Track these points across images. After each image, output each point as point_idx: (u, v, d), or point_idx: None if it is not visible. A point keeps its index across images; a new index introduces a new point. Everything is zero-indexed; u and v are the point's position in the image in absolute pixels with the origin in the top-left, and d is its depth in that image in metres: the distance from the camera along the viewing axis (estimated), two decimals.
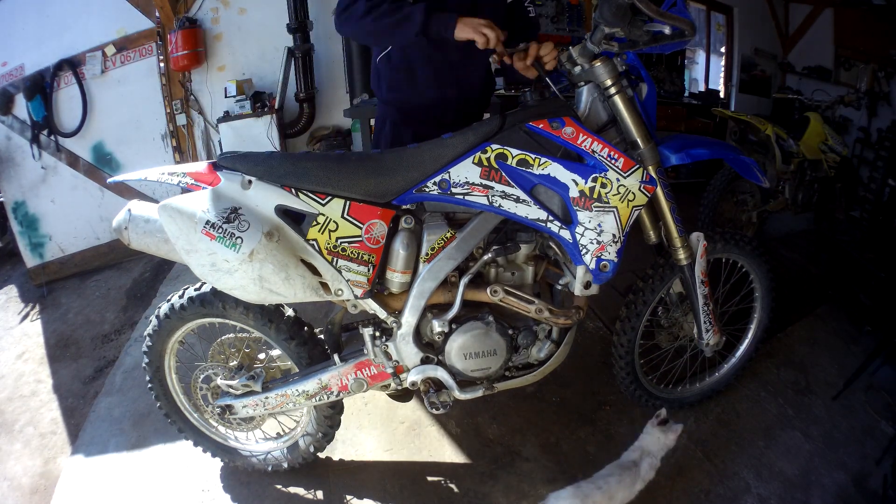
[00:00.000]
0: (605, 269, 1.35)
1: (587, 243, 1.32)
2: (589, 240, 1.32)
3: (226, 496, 1.65)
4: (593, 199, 1.29)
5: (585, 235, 1.32)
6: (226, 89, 3.62)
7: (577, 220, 1.31)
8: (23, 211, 3.69)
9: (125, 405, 2.08)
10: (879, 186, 3.60)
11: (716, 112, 3.58)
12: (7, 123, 3.56)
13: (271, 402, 1.51)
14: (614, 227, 1.32)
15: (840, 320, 2.43)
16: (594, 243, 1.32)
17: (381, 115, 1.85)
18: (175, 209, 1.23)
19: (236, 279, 1.25)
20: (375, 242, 1.30)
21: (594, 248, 1.33)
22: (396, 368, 1.47)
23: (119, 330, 2.95)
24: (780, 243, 3.31)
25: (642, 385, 1.79)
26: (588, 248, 1.33)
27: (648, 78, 1.44)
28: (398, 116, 1.79)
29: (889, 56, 3.93)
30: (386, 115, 1.82)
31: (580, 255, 1.34)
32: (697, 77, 5.67)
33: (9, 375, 2.68)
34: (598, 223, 1.31)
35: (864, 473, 1.68)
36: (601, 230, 1.32)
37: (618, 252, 1.35)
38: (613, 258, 1.35)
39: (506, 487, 1.64)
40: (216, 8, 3.61)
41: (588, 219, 1.31)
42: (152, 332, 1.52)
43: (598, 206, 1.30)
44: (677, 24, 1.19)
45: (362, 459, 1.76)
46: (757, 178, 1.56)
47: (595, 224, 1.31)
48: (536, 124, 1.28)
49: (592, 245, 1.33)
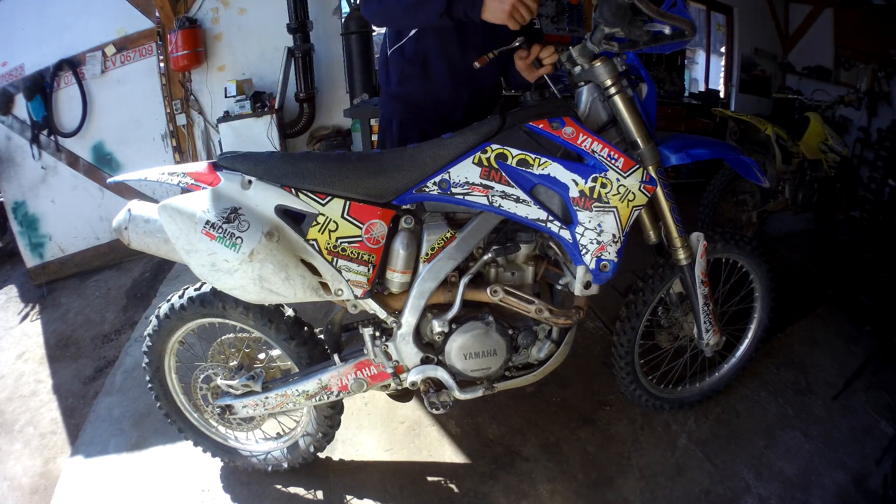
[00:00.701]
0: (606, 269, 1.35)
1: (587, 243, 1.33)
2: (589, 240, 1.32)
3: (226, 496, 1.65)
4: (593, 199, 1.30)
5: (585, 235, 1.32)
6: (226, 89, 3.63)
7: (577, 220, 1.31)
8: (23, 211, 3.69)
9: (125, 405, 2.09)
10: (879, 186, 3.59)
11: (716, 112, 3.57)
12: (7, 123, 3.56)
13: (271, 402, 1.51)
14: (614, 227, 1.33)
15: (840, 320, 2.42)
16: (594, 243, 1.33)
17: (387, 113, 1.79)
18: (175, 209, 1.23)
19: (236, 279, 1.25)
20: (375, 242, 1.30)
21: (594, 248, 1.33)
22: (396, 368, 1.47)
23: (119, 330, 2.95)
24: (780, 243, 3.31)
25: (642, 385, 1.79)
26: (588, 248, 1.33)
27: (648, 78, 1.44)
28: (405, 113, 1.73)
29: (889, 56, 3.92)
30: (393, 112, 1.76)
31: (580, 255, 1.34)
32: (697, 77, 5.68)
33: (9, 375, 2.68)
34: (598, 223, 1.31)
35: (864, 473, 1.68)
36: (601, 230, 1.32)
37: (618, 252, 1.35)
38: (613, 258, 1.35)
39: (506, 487, 1.64)
40: (216, 8, 3.62)
41: (588, 219, 1.31)
42: (152, 332, 1.52)
43: (598, 206, 1.30)
44: (677, 23, 1.19)
45: (362, 459, 1.76)
46: (757, 178, 1.56)
47: (595, 224, 1.31)
48: (536, 124, 1.29)
49: (592, 245, 1.33)
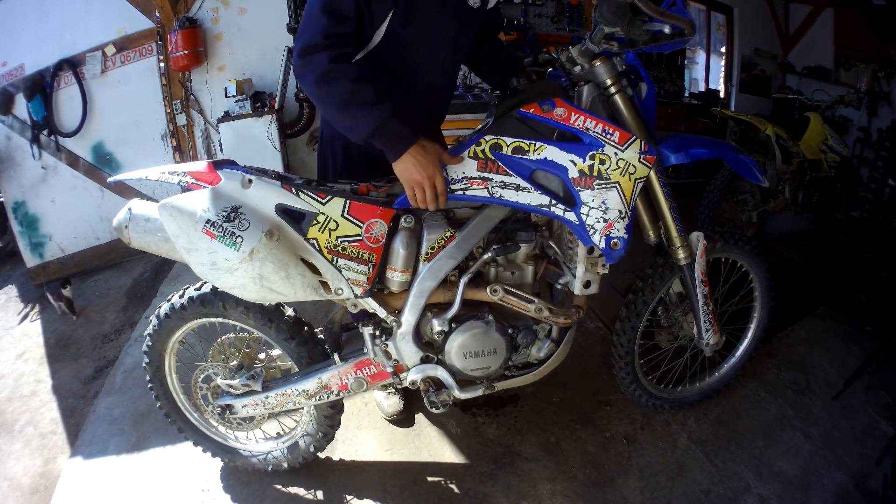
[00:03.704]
0: (616, 246, 1.32)
1: (594, 223, 1.30)
2: (595, 219, 1.30)
3: (226, 496, 1.65)
4: (594, 178, 1.28)
5: (591, 215, 1.29)
6: (226, 89, 3.62)
7: (581, 200, 1.29)
8: (23, 211, 3.68)
9: (125, 405, 2.09)
10: (879, 186, 3.58)
11: (716, 112, 3.57)
12: (7, 123, 3.55)
13: (271, 402, 1.51)
14: (619, 203, 1.30)
15: (840, 320, 2.42)
16: (601, 222, 1.30)
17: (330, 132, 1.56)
18: (175, 208, 1.23)
19: (236, 278, 1.25)
20: (375, 241, 1.30)
21: (602, 227, 1.30)
22: (396, 368, 1.47)
23: (119, 330, 2.95)
24: (780, 243, 3.31)
25: (642, 385, 1.79)
26: (595, 228, 1.30)
27: (648, 78, 1.45)
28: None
29: (889, 56, 3.92)
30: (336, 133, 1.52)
31: (588, 235, 1.31)
32: (697, 77, 5.67)
33: (9, 375, 2.67)
34: (602, 201, 1.29)
35: (864, 473, 1.68)
36: (606, 207, 1.29)
37: (626, 228, 1.32)
38: (623, 234, 1.32)
39: (506, 487, 1.64)
40: (216, 8, 3.61)
41: (591, 198, 1.29)
42: (152, 332, 1.52)
43: (599, 184, 1.28)
44: (677, 23, 1.19)
45: (362, 459, 1.76)
46: (756, 178, 1.56)
47: (599, 202, 1.29)
48: (527, 109, 1.27)
49: (599, 224, 1.30)
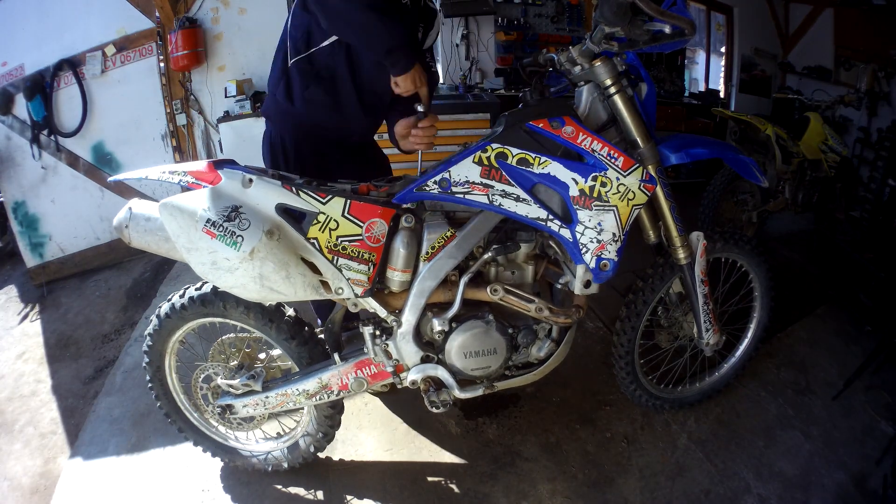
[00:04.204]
0: (606, 268, 1.36)
1: (587, 242, 1.33)
2: (589, 238, 1.33)
3: (226, 496, 1.65)
4: (593, 198, 1.30)
5: (585, 234, 1.32)
6: (226, 89, 3.63)
7: (578, 218, 1.31)
8: (23, 211, 3.68)
9: (125, 405, 2.09)
10: (879, 186, 3.58)
11: (716, 112, 3.57)
12: (7, 123, 3.55)
13: (272, 402, 1.51)
14: (614, 226, 1.33)
15: (840, 320, 2.43)
16: (594, 242, 1.33)
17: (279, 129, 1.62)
18: (176, 207, 1.23)
19: (237, 277, 1.25)
20: (376, 241, 1.31)
21: (594, 247, 1.33)
22: (396, 367, 1.47)
23: (119, 330, 2.95)
24: (780, 243, 3.31)
25: (642, 385, 1.79)
26: (588, 247, 1.33)
27: (648, 78, 1.45)
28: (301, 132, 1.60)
29: (889, 56, 3.92)
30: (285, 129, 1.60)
31: (580, 253, 1.34)
32: (697, 77, 5.67)
33: (9, 375, 2.67)
34: (598, 222, 1.31)
35: (864, 473, 1.68)
36: (601, 229, 1.32)
37: (618, 251, 1.36)
38: (613, 257, 1.35)
39: (506, 487, 1.64)
40: (216, 8, 3.61)
41: (588, 217, 1.31)
42: (153, 332, 1.52)
43: (598, 205, 1.30)
44: (677, 23, 1.19)
45: (362, 459, 1.76)
46: (756, 178, 1.56)
47: (595, 223, 1.31)
48: (537, 123, 1.29)
49: (593, 244, 1.33)
